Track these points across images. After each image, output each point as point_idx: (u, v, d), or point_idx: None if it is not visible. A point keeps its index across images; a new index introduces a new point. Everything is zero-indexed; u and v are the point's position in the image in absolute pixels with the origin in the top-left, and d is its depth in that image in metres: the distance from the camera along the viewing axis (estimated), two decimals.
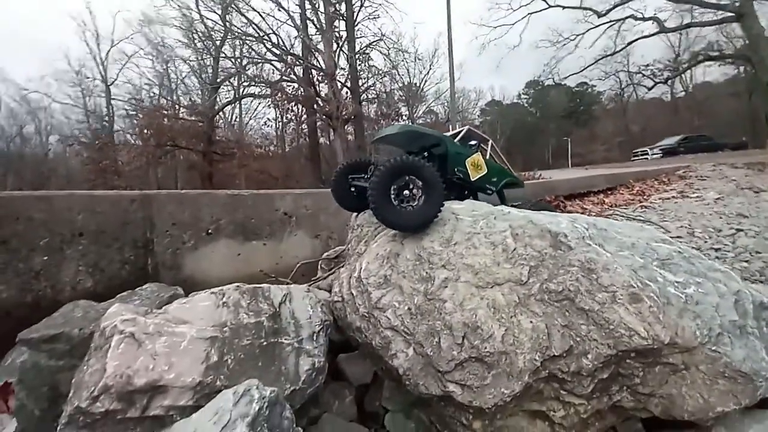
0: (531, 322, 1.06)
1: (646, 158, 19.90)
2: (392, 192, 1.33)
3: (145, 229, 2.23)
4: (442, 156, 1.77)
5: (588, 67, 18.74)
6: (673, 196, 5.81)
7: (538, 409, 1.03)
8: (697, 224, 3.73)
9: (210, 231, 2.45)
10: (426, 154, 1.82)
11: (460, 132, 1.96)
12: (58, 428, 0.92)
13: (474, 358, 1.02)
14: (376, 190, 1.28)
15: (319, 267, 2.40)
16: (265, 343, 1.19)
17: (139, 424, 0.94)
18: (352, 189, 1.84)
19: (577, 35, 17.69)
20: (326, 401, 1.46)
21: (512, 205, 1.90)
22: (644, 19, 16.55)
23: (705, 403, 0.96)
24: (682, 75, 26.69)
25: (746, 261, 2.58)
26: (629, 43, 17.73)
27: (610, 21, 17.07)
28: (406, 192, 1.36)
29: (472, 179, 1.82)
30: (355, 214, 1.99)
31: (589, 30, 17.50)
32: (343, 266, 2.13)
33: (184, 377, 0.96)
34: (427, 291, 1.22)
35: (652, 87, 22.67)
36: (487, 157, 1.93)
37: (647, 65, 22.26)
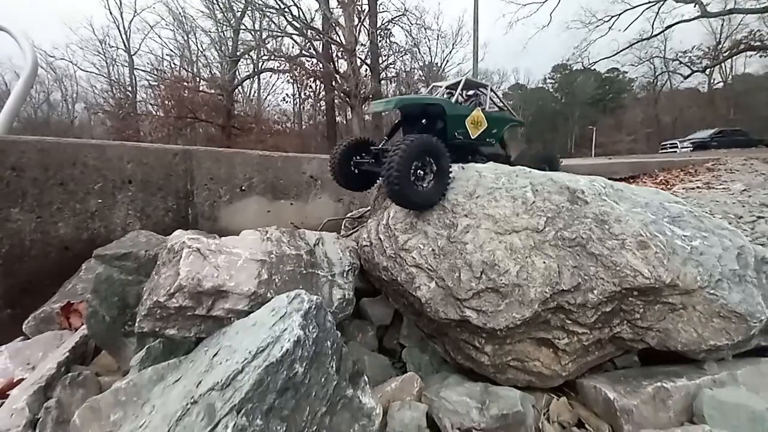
0: (544, 262, 1.18)
1: (675, 151, 19.07)
2: (412, 172, 1.37)
3: (186, 181, 2.42)
4: (442, 120, 1.75)
5: (622, 50, 17.82)
6: (698, 187, 5.68)
7: (544, 337, 1.16)
8: (718, 210, 3.70)
9: (243, 187, 2.63)
10: (424, 120, 1.78)
11: (457, 83, 1.88)
12: (138, 320, 1.11)
13: (490, 289, 1.16)
14: (399, 169, 1.30)
15: (343, 226, 2.55)
16: (304, 272, 1.35)
17: (203, 321, 1.12)
18: (354, 169, 1.86)
19: (612, 16, 16.79)
20: (351, 333, 1.64)
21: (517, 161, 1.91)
22: (686, 1, 15.52)
23: (699, 338, 1.07)
24: (722, 65, 25.09)
25: (762, 245, 2.60)
26: (668, 27, 16.73)
27: (649, 2, 16.08)
28: (420, 173, 1.40)
29: (473, 137, 1.81)
30: None
31: (625, 11, 16.56)
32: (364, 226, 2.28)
33: (242, 286, 1.13)
34: (450, 235, 1.35)
35: (689, 75, 21.51)
36: (487, 105, 1.90)
37: (685, 52, 21.03)
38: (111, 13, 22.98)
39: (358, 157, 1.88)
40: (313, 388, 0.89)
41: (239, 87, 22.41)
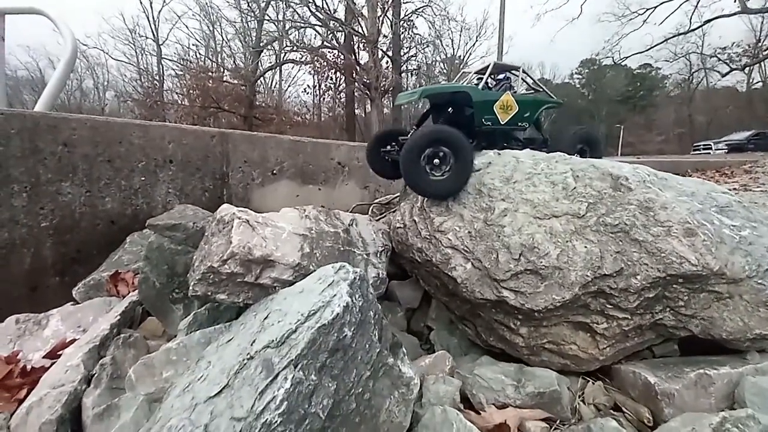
0: (585, 247, 1.17)
1: (709, 153, 18.15)
2: (423, 160, 1.38)
3: (222, 162, 2.51)
4: (470, 107, 1.73)
5: (657, 45, 17.01)
6: (735, 189, 5.42)
7: (583, 321, 1.16)
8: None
9: (274, 171, 2.70)
10: (450, 109, 1.76)
11: (486, 67, 1.83)
12: (191, 284, 1.18)
13: (529, 271, 1.17)
14: (408, 157, 1.34)
15: (370, 211, 2.59)
16: (342, 249, 1.40)
17: (251, 288, 1.18)
18: (387, 158, 1.93)
19: (647, 9, 16.04)
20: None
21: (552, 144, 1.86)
22: None
23: (744, 326, 1.05)
24: (762, 63, 23.58)
25: None
26: (706, 22, 15.88)
27: None
28: (436, 161, 1.40)
29: (503, 122, 1.78)
30: None
31: (661, 3, 15.78)
32: (395, 211, 2.31)
33: (287, 257, 1.18)
34: (486, 219, 1.36)
35: (727, 74, 20.36)
36: (520, 88, 1.85)
37: (724, 48, 19.87)
38: (141, 2, 23.67)
39: (388, 147, 1.93)
40: (358, 352, 0.93)
41: (261, 78, 22.73)
